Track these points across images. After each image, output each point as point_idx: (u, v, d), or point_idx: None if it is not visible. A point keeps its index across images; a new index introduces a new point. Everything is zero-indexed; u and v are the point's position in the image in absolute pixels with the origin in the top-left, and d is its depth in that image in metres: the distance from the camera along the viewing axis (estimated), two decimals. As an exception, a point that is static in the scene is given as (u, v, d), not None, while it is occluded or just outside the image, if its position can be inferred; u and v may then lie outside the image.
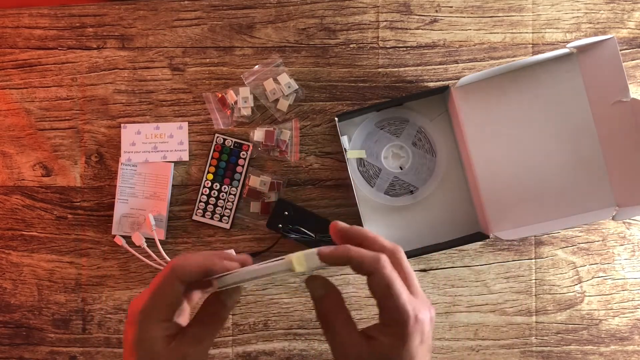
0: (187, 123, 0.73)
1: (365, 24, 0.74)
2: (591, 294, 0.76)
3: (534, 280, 0.75)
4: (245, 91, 0.72)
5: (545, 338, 0.76)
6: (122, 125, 0.73)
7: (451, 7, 0.74)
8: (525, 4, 0.74)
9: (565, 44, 0.68)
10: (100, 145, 0.74)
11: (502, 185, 0.71)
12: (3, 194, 0.74)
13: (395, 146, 0.74)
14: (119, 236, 0.73)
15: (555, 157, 0.71)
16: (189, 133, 0.73)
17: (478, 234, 0.72)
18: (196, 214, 0.74)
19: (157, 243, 0.72)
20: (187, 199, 0.74)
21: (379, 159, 0.74)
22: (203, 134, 0.74)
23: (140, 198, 0.73)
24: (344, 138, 0.72)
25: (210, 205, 0.73)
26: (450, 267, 0.75)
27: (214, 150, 0.73)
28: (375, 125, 0.74)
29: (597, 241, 0.76)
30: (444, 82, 0.74)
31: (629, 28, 0.75)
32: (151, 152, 0.73)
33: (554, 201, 0.70)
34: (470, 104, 0.71)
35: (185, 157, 0.73)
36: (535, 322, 0.76)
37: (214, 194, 0.73)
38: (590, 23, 0.75)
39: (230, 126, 0.74)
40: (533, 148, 0.71)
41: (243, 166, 0.73)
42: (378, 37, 0.74)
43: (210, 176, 0.73)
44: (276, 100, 0.73)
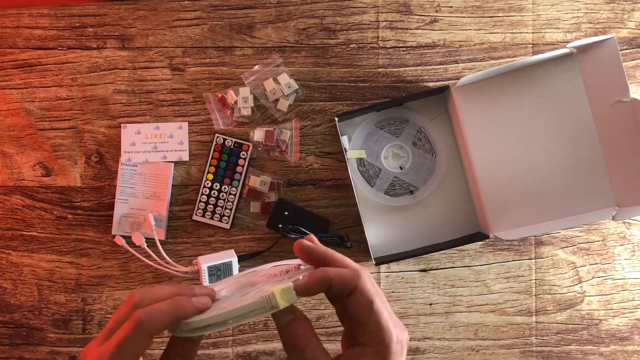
0: (187, 123, 0.73)
1: (365, 24, 0.74)
2: (591, 294, 0.76)
3: (534, 280, 0.75)
4: (245, 91, 0.72)
5: (545, 338, 0.76)
6: (122, 125, 0.73)
7: (451, 7, 0.74)
8: (525, 4, 0.74)
9: (565, 44, 0.68)
10: (100, 145, 0.74)
11: (502, 185, 0.71)
12: (3, 194, 0.74)
13: (395, 146, 0.74)
14: (119, 236, 0.73)
15: (555, 157, 0.71)
16: (189, 133, 0.73)
17: (478, 234, 0.72)
18: (196, 214, 0.74)
19: (157, 243, 0.72)
20: (187, 199, 0.74)
21: (379, 159, 0.74)
22: (203, 134, 0.74)
23: (140, 198, 0.73)
24: (344, 138, 0.72)
25: (210, 205, 0.73)
26: (450, 267, 0.75)
27: (214, 150, 0.73)
28: (375, 125, 0.74)
29: (597, 241, 0.76)
30: (444, 82, 0.74)
31: (629, 28, 0.75)
32: (151, 152, 0.73)
33: (554, 201, 0.70)
34: (470, 104, 0.71)
35: (185, 157, 0.73)
36: (535, 322, 0.76)
37: (214, 194, 0.73)
38: (590, 23, 0.75)
39: (230, 126, 0.74)
40: (533, 148, 0.71)
41: (243, 166, 0.73)
42: (378, 37, 0.74)
43: (210, 176, 0.73)
44: (276, 100, 0.73)
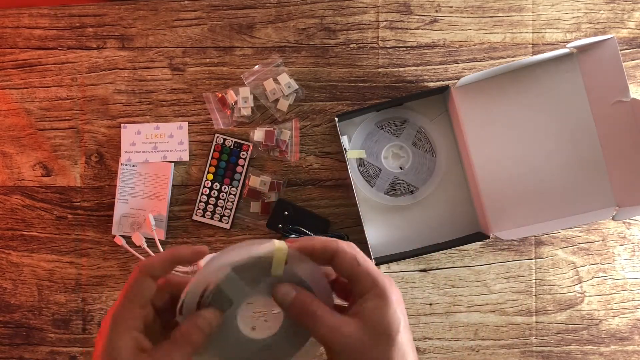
0: (187, 123, 0.73)
1: (365, 24, 0.74)
2: (591, 294, 0.76)
3: (534, 280, 0.75)
4: (245, 91, 0.72)
5: (545, 338, 0.76)
6: (122, 125, 0.73)
7: (451, 7, 0.74)
8: (525, 4, 0.74)
9: (565, 44, 0.68)
10: (100, 145, 0.74)
11: (502, 185, 0.71)
12: (3, 194, 0.74)
13: (395, 146, 0.74)
14: (119, 236, 0.73)
15: (555, 157, 0.71)
16: (189, 133, 0.73)
17: (478, 234, 0.72)
18: (196, 214, 0.74)
19: (157, 243, 0.72)
20: (187, 199, 0.74)
21: (379, 159, 0.74)
22: (203, 134, 0.74)
23: (140, 198, 0.73)
24: (344, 138, 0.72)
25: (210, 205, 0.73)
26: (450, 267, 0.75)
27: (214, 150, 0.73)
28: (375, 125, 0.74)
29: (597, 241, 0.76)
30: (444, 82, 0.74)
31: (629, 28, 0.75)
32: (151, 152, 0.73)
33: (554, 201, 0.70)
34: (470, 104, 0.71)
35: (185, 157, 0.73)
36: (535, 322, 0.76)
37: (214, 194, 0.73)
38: (590, 23, 0.75)
39: (230, 126, 0.74)
40: (533, 148, 0.71)
41: (243, 166, 0.73)
42: (378, 37, 0.74)
43: (210, 176, 0.73)
44: (276, 100, 0.73)
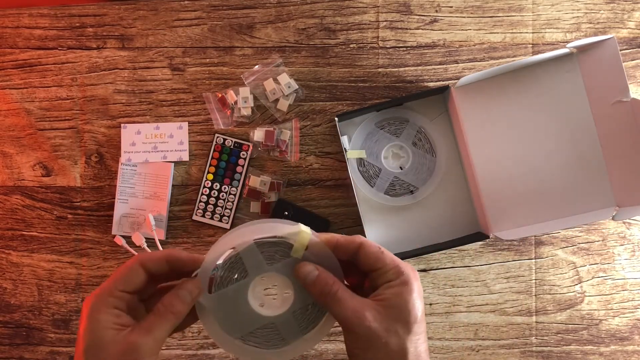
0: (187, 123, 0.73)
1: (365, 24, 0.74)
2: (591, 294, 0.76)
3: (534, 280, 0.75)
4: (245, 91, 0.72)
5: (545, 338, 0.76)
6: (122, 125, 0.73)
7: (451, 7, 0.74)
8: (525, 4, 0.74)
9: (565, 44, 0.68)
10: (100, 145, 0.74)
11: (502, 185, 0.71)
12: (3, 194, 0.74)
13: (395, 146, 0.74)
14: (119, 236, 0.73)
15: (555, 157, 0.71)
16: (189, 133, 0.73)
17: (478, 234, 0.72)
18: (196, 214, 0.74)
19: (157, 243, 0.72)
20: (187, 199, 0.74)
21: (379, 159, 0.74)
22: (203, 134, 0.74)
23: (140, 198, 0.73)
24: (344, 138, 0.72)
25: (210, 205, 0.73)
26: (450, 267, 0.75)
27: (214, 150, 0.73)
28: (375, 125, 0.74)
29: (597, 241, 0.76)
30: (444, 82, 0.74)
31: (629, 28, 0.75)
32: (151, 152, 0.73)
33: (554, 201, 0.70)
34: (470, 104, 0.71)
35: (185, 157, 0.73)
36: (536, 322, 0.76)
37: (214, 194, 0.73)
38: (590, 23, 0.75)
39: (230, 126, 0.74)
40: (533, 148, 0.71)
41: (243, 166, 0.73)
42: (378, 37, 0.74)
43: (210, 176, 0.73)
44: (276, 100, 0.73)
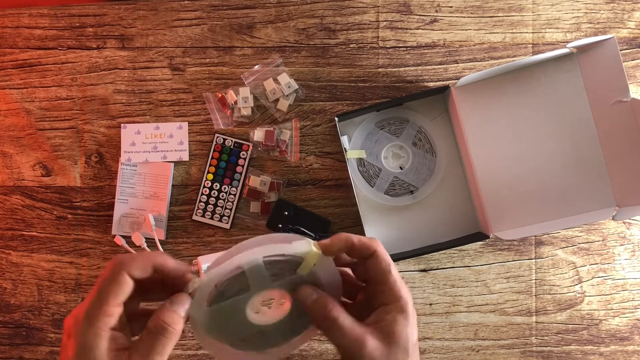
0: (187, 123, 0.73)
1: (365, 24, 0.74)
2: (591, 294, 0.76)
3: (534, 280, 0.75)
4: (245, 91, 0.72)
5: (545, 338, 0.76)
6: (122, 125, 0.73)
7: (451, 7, 0.74)
8: (525, 4, 0.74)
9: (565, 44, 0.68)
10: (100, 145, 0.74)
11: (502, 185, 0.71)
12: (3, 194, 0.74)
13: (395, 146, 0.74)
14: (119, 236, 0.73)
15: (556, 157, 0.71)
16: (189, 133, 0.73)
17: (478, 234, 0.72)
18: (196, 214, 0.74)
19: (157, 243, 0.72)
20: (187, 199, 0.74)
21: (379, 159, 0.74)
22: (203, 134, 0.74)
23: (140, 198, 0.73)
24: (344, 138, 0.72)
25: (210, 205, 0.73)
26: (450, 267, 0.75)
27: (214, 150, 0.73)
28: (375, 125, 0.74)
29: (597, 241, 0.76)
30: (444, 82, 0.74)
31: (629, 28, 0.75)
32: (151, 152, 0.73)
33: (554, 201, 0.70)
34: (470, 104, 0.71)
35: (185, 157, 0.73)
36: (535, 322, 0.76)
37: (214, 194, 0.73)
38: (590, 23, 0.75)
39: (230, 126, 0.74)
40: (533, 148, 0.71)
41: (243, 166, 0.73)
42: (378, 37, 0.74)
43: (210, 176, 0.73)
44: (276, 100, 0.73)
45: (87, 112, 0.74)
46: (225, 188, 0.73)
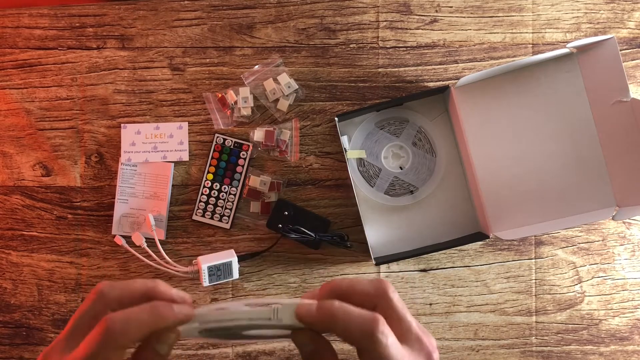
0: (187, 123, 0.73)
1: (365, 24, 0.74)
2: (591, 294, 0.76)
3: (534, 280, 0.75)
4: (245, 91, 0.72)
5: (545, 338, 0.76)
6: (122, 125, 0.73)
7: (451, 7, 0.74)
8: (525, 4, 0.74)
9: (565, 44, 0.68)
10: (100, 145, 0.74)
11: (502, 185, 0.71)
12: (3, 194, 0.74)
13: (395, 146, 0.74)
14: (119, 236, 0.73)
15: (555, 157, 0.71)
16: (189, 133, 0.73)
17: (478, 234, 0.72)
18: (196, 214, 0.74)
19: (157, 243, 0.72)
20: (187, 199, 0.74)
21: (379, 159, 0.74)
22: (203, 134, 0.74)
23: (140, 198, 0.73)
24: (344, 138, 0.72)
25: (210, 205, 0.73)
26: (450, 267, 0.75)
27: (214, 150, 0.73)
28: (375, 125, 0.74)
29: (597, 241, 0.76)
30: (444, 82, 0.74)
31: (629, 28, 0.75)
32: (151, 152, 0.73)
33: (554, 201, 0.70)
34: (470, 104, 0.71)
35: (185, 157, 0.73)
36: (535, 322, 0.76)
37: (214, 194, 0.73)
38: (590, 23, 0.75)
39: (230, 126, 0.74)
40: (533, 148, 0.71)
41: (243, 166, 0.73)
42: (378, 37, 0.74)
43: (210, 176, 0.73)
44: (276, 100, 0.73)
45: (87, 112, 0.74)
46: (225, 188, 0.73)
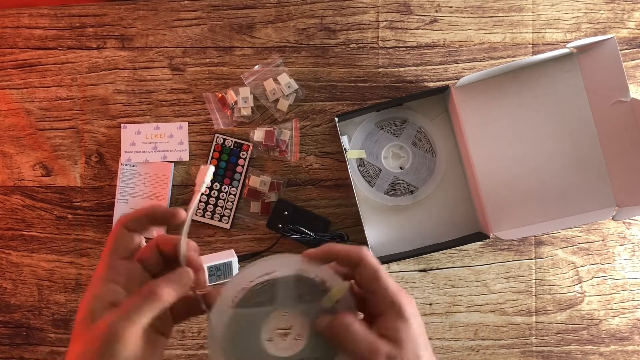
0: (187, 123, 0.73)
1: (365, 24, 0.74)
2: (591, 294, 0.76)
3: (534, 280, 0.75)
4: (245, 91, 0.72)
5: (545, 338, 0.76)
6: (122, 125, 0.73)
7: (451, 7, 0.74)
8: (525, 4, 0.74)
9: (565, 44, 0.68)
10: (100, 145, 0.74)
11: (502, 185, 0.71)
12: (3, 194, 0.74)
13: (395, 146, 0.74)
14: (119, 236, 0.73)
15: (556, 157, 0.71)
16: (189, 133, 0.73)
17: (478, 234, 0.72)
18: (196, 214, 0.74)
19: (157, 243, 0.72)
20: (187, 199, 0.74)
21: (379, 159, 0.74)
22: (203, 134, 0.74)
23: (140, 198, 0.73)
24: (344, 138, 0.72)
25: (210, 205, 0.73)
26: (450, 267, 0.75)
27: (214, 150, 0.73)
28: (375, 125, 0.74)
29: (597, 241, 0.76)
30: (444, 82, 0.74)
31: (629, 28, 0.75)
32: (151, 152, 0.73)
33: (554, 201, 0.70)
34: (470, 104, 0.71)
35: (185, 157, 0.73)
36: (535, 322, 0.76)
37: (214, 194, 0.73)
38: (590, 23, 0.75)
39: (230, 126, 0.74)
40: (533, 148, 0.71)
41: (243, 166, 0.73)
42: (378, 37, 0.74)
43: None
44: (276, 100, 0.73)
45: (87, 112, 0.74)
46: (225, 188, 0.73)
